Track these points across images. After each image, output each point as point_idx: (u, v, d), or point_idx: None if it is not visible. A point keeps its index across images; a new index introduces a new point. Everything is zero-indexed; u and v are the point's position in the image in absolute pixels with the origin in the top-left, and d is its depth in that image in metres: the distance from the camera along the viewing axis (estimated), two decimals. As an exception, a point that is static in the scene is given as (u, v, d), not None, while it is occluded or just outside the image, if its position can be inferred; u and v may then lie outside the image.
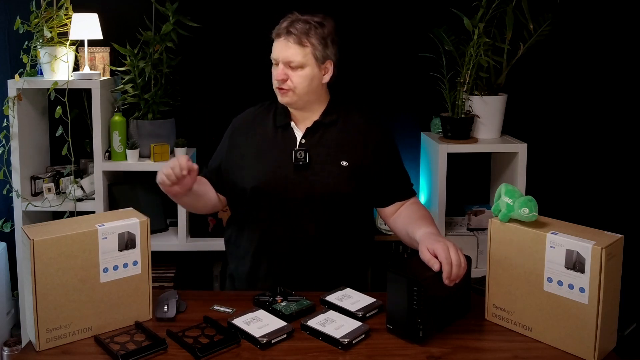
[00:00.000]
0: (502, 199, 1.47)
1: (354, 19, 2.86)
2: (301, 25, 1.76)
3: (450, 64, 2.64)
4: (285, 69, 1.76)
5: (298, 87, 1.77)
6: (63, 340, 1.39)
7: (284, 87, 1.77)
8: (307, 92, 1.78)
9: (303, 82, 1.77)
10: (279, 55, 1.76)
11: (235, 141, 1.88)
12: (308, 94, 1.79)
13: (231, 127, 1.93)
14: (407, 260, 2.28)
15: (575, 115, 2.95)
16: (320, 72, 1.80)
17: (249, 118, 1.90)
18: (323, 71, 1.80)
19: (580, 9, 2.86)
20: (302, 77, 1.76)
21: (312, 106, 1.83)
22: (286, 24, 1.77)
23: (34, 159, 2.72)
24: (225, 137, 1.93)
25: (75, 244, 1.38)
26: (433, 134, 2.79)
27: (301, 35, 1.74)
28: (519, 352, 1.38)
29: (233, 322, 1.45)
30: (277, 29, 1.78)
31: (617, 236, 1.35)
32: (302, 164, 1.76)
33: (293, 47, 1.75)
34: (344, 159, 1.78)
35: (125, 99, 2.63)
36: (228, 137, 1.91)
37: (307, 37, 1.75)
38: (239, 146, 1.86)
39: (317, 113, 1.83)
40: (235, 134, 1.89)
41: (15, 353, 2.64)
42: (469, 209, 2.80)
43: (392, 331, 1.44)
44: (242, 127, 1.89)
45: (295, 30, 1.75)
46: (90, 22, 2.53)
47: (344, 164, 1.77)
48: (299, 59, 1.75)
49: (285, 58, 1.75)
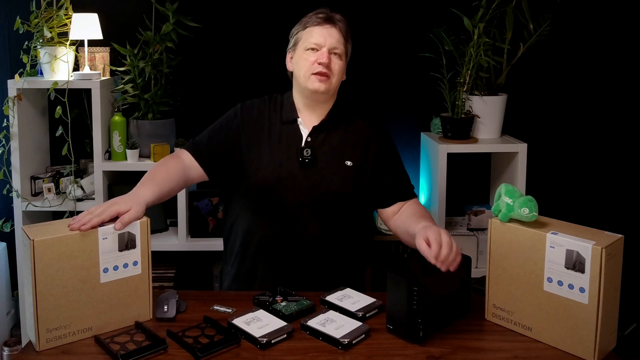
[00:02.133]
0: (502, 199, 1.47)
1: (354, 19, 2.84)
2: (341, 18, 1.82)
3: (450, 64, 2.64)
4: (329, 55, 1.77)
5: (336, 75, 1.79)
6: (63, 340, 1.39)
7: (326, 71, 1.76)
8: (337, 83, 1.81)
9: (339, 72, 1.80)
10: (326, 40, 1.77)
11: (245, 137, 1.82)
12: (336, 86, 1.82)
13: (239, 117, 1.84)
14: (407, 260, 2.28)
15: (575, 115, 2.95)
16: (344, 69, 1.84)
17: (256, 111, 1.85)
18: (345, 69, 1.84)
19: (580, 9, 2.86)
20: (340, 67, 1.80)
21: (322, 104, 1.83)
22: (326, 14, 1.81)
23: (34, 159, 2.72)
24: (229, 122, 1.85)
25: (76, 244, 1.38)
26: (433, 134, 2.79)
27: (346, 28, 1.81)
28: (519, 352, 1.38)
29: (233, 322, 1.45)
30: (316, 17, 1.80)
31: (617, 236, 1.35)
32: (308, 161, 1.76)
33: (338, 35, 1.79)
34: (348, 159, 1.79)
35: (125, 99, 2.63)
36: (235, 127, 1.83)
37: (348, 32, 1.82)
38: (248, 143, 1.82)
39: (323, 112, 1.84)
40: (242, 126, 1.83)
41: (15, 353, 2.64)
42: (469, 209, 2.80)
43: (392, 331, 1.44)
44: (249, 120, 1.84)
45: (342, 22, 1.81)
46: (90, 22, 2.53)
47: (348, 164, 1.78)
48: (342, 47, 1.80)
49: (332, 44, 1.77)
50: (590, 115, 2.95)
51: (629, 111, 2.95)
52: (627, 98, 2.94)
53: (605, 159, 2.97)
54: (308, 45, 1.78)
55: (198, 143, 1.85)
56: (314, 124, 1.82)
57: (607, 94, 2.94)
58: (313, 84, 1.77)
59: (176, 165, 1.78)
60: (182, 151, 1.84)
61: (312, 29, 1.79)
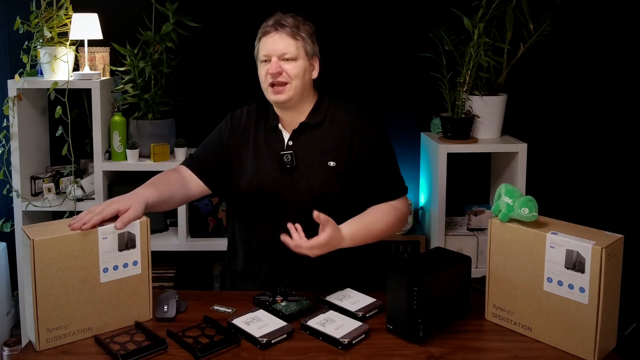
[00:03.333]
0: (502, 199, 1.47)
1: (354, 19, 2.86)
2: (291, 20, 1.78)
3: (450, 64, 2.64)
4: (279, 63, 1.75)
5: (294, 79, 1.75)
6: (63, 340, 1.40)
7: (280, 80, 1.75)
8: (301, 85, 1.77)
9: (298, 74, 1.76)
10: (272, 48, 1.75)
11: (234, 145, 1.85)
12: (302, 88, 1.78)
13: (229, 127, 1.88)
14: (407, 260, 2.28)
15: (575, 115, 2.95)
16: (310, 67, 1.80)
17: (244, 120, 1.87)
18: (311, 67, 1.81)
19: (580, 9, 2.86)
20: (297, 69, 1.76)
21: (301, 106, 1.81)
22: (274, 20, 1.78)
23: (34, 159, 2.72)
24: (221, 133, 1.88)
25: (76, 244, 1.38)
26: (433, 134, 2.79)
27: (293, 29, 1.76)
28: (519, 352, 1.38)
29: (233, 322, 1.45)
30: (265, 26, 1.79)
31: (617, 236, 1.35)
32: (289, 167, 1.76)
33: (286, 39, 1.75)
34: (330, 159, 1.77)
35: (125, 99, 2.63)
36: (226, 137, 1.87)
37: (298, 30, 1.77)
38: (237, 151, 1.84)
39: (304, 114, 1.82)
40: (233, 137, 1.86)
41: (15, 353, 2.64)
42: (469, 209, 2.80)
43: (392, 331, 1.44)
44: (238, 130, 1.86)
45: (287, 24, 1.76)
46: (90, 22, 2.53)
47: (331, 164, 1.76)
48: (293, 50, 1.75)
49: (279, 51, 1.75)
50: (590, 115, 2.95)
51: (629, 111, 2.95)
52: (627, 98, 2.94)
53: (605, 159, 2.97)
54: (261, 57, 1.79)
55: (194, 157, 1.88)
56: (294, 127, 1.81)
57: (607, 94, 2.94)
58: (272, 96, 1.77)
59: (175, 176, 1.81)
60: (180, 167, 1.87)
61: (263, 40, 1.78)
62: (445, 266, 1.47)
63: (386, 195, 1.80)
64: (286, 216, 1.74)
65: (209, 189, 1.85)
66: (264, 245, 1.80)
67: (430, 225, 2.72)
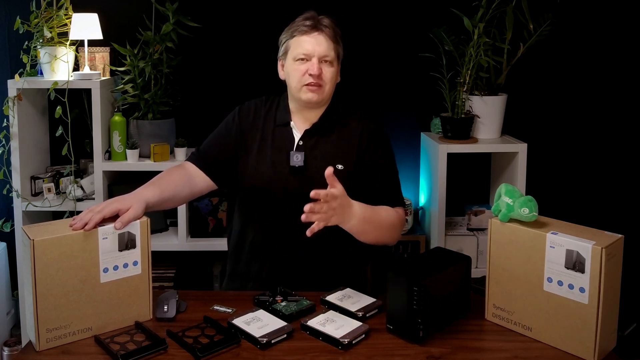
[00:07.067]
0: (502, 199, 1.47)
1: (354, 19, 2.86)
2: (328, 21, 1.77)
3: (450, 64, 2.64)
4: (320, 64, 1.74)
5: (328, 84, 1.75)
6: (63, 340, 1.40)
7: (319, 82, 1.73)
8: (331, 89, 1.78)
9: (332, 79, 1.76)
10: (315, 49, 1.73)
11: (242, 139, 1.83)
12: (331, 92, 1.79)
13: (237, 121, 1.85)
14: (407, 260, 2.28)
15: (575, 115, 2.95)
16: (338, 72, 1.81)
17: (252, 115, 1.86)
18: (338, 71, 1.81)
19: (580, 9, 2.86)
20: (332, 73, 1.76)
21: (318, 107, 1.82)
22: (313, 21, 1.76)
23: (34, 159, 2.72)
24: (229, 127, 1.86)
25: (76, 244, 1.38)
26: (433, 134, 2.79)
27: (333, 31, 1.76)
28: (519, 352, 1.38)
29: (233, 322, 1.45)
30: (301, 24, 1.76)
31: (617, 236, 1.35)
32: (299, 166, 1.76)
33: (328, 42, 1.75)
34: (340, 163, 1.77)
35: (125, 99, 2.63)
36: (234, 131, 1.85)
37: (335, 34, 1.77)
38: (245, 146, 1.83)
39: (316, 115, 1.82)
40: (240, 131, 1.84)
41: (15, 353, 2.64)
42: (469, 209, 2.80)
43: (392, 331, 1.44)
44: (246, 125, 1.85)
45: (328, 26, 1.75)
46: (90, 22, 2.53)
47: (339, 168, 1.76)
48: (333, 54, 1.75)
49: (321, 52, 1.73)
50: (590, 115, 2.95)
51: (629, 111, 2.95)
52: (627, 98, 2.94)
53: (605, 159, 2.97)
54: (297, 55, 1.75)
55: (200, 152, 1.86)
56: (307, 127, 1.81)
57: (607, 94, 2.94)
58: (306, 94, 1.76)
59: (179, 173, 1.79)
60: (186, 162, 1.85)
61: (300, 38, 1.76)
62: (445, 266, 1.47)
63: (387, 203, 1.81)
64: (290, 215, 1.74)
65: (215, 184, 1.83)
66: (266, 244, 1.80)
67: (430, 225, 2.72)
